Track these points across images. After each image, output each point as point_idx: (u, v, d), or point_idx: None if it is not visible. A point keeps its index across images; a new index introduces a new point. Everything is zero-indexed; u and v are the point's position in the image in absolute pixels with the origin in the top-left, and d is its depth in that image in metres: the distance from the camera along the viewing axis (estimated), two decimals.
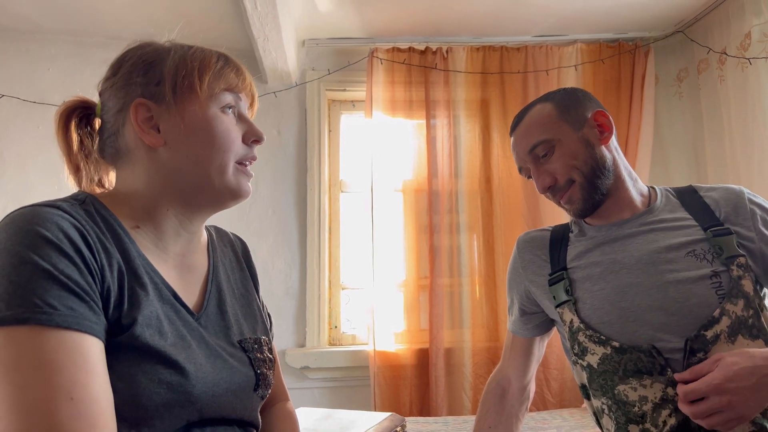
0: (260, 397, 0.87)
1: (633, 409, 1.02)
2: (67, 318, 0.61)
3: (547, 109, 1.18)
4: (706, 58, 2.52)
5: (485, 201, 2.61)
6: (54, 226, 0.64)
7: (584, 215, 1.16)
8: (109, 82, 0.83)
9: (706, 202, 1.13)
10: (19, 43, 2.50)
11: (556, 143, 1.14)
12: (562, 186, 1.14)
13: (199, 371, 0.73)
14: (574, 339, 1.12)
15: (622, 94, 2.61)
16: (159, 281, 0.77)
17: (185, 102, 0.79)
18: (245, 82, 0.87)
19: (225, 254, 0.98)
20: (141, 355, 0.67)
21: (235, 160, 0.83)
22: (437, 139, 2.57)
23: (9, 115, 2.44)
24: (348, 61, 2.63)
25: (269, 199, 2.58)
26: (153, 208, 0.80)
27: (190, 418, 0.73)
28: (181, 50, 0.82)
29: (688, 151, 2.69)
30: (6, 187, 2.40)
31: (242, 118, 0.86)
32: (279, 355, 2.41)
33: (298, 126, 2.65)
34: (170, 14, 2.32)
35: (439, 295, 2.44)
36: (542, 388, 2.38)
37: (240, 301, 0.94)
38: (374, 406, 2.35)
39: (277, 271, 2.54)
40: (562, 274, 1.17)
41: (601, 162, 1.13)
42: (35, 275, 0.61)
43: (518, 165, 1.23)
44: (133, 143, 0.80)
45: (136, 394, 0.66)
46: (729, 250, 1.04)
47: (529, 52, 2.62)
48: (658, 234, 1.10)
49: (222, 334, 0.84)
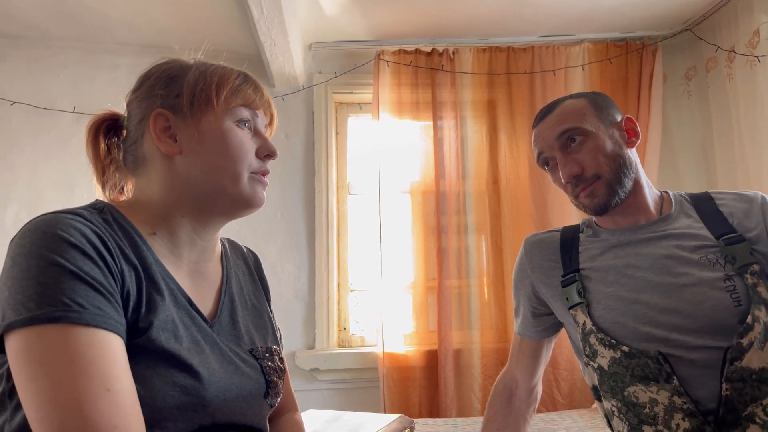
0: (270, 405, 0.88)
1: (644, 411, 1.02)
2: (95, 317, 0.63)
3: (582, 102, 1.19)
4: (715, 56, 2.50)
5: (493, 202, 2.61)
6: (76, 231, 0.67)
7: (601, 212, 1.16)
8: (134, 94, 0.87)
9: (720, 210, 1.13)
10: (29, 50, 2.53)
11: (589, 134, 1.14)
12: (588, 178, 1.14)
13: (212, 376, 0.75)
14: (585, 341, 1.13)
15: (629, 93, 2.60)
16: (175, 287, 0.79)
17: (201, 113, 0.82)
18: (263, 99, 0.89)
19: (238, 266, 1.00)
20: (156, 358, 0.69)
21: (250, 171, 0.85)
22: (444, 141, 2.57)
23: (20, 122, 2.47)
24: (354, 63, 2.64)
25: (277, 202, 2.60)
26: (168, 216, 0.83)
27: (203, 422, 0.74)
28: (203, 66, 0.86)
29: (696, 150, 2.68)
30: (18, 192, 2.43)
31: (258, 134, 0.88)
32: (288, 357, 2.43)
33: (306, 129, 2.66)
34: (177, 20, 2.34)
35: (448, 297, 2.44)
36: (552, 389, 2.38)
37: (252, 312, 0.96)
38: (384, 408, 2.35)
39: (286, 273, 2.55)
40: (574, 276, 1.17)
41: (627, 162, 1.15)
42: (63, 276, 0.63)
43: (539, 151, 1.22)
44: (151, 152, 0.83)
45: (151, 396, 0.67)
46: (742, 259, 1.04)
47: (535, 52, 2.61)
48: (672, 240, 1.11)
49: (234, 343, 0.86)
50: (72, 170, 2.40)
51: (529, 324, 1.30)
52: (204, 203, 0.83)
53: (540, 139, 1.21)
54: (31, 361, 0.60)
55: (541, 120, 1.22)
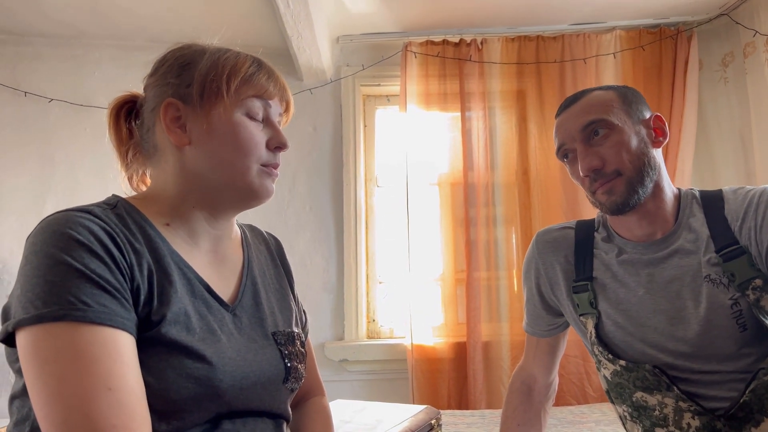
0: (290, 389, 0.88)
1: (654, 413, 1.04)
2: (100, 314, 0.64)
3: (610, 95, 1.11)
4: (753, 41, 2.42)
5: (523, 193, 2.58)
6: (85, 229, 0.68)
7: (618, 212, 1.08)
8: (149, 80, 0.87)
9: (725, 215, 1.06)
10: (65, 49, 2.60)
11: (614, 128, 1.07)
12: (608, 174, 1.06)
13: (227, 365, 0.75)
14: (591, 349, 1.15)
15: (663, 81, 2.53)
16: (192, 276, 0.79)
17: (211, 104, 0.81)
18: (277, 87, 0.87)
19: (259, 251, 1.00)
20: (169, 350, 0.70)
21: (259, 164, 0.84)
22: (472, 132, 2.55)
23: (58, 119, 2.55)
24: (382, 55, 2.64)
25: (306, 196, 2.62)
26: (181, 207, 0.83)
27: (220, 410, 0.75)
28: (216, 54, 0.84)
29: (734, 138, 2.59)
30: (57, 187, 2.51)
31: (269, 124, 0.87)
32: (317, 349, 2.46)
33: (334, 122, 2.67)
34: (208, 17, 2.38)
35: (477, 289, 2.43)
36: (583, 382, 2.35)
37: (275, 294, 0.96)
38: (412, 399, 2.36)
39: (314, 266, 2.58)
40: (587, 284, 1.14)
41: (651, 162, 1.07)
42: (69, 275, 0.64)
43: (560, 143, 1.14)
44: (162, 142, 0.83)
45: (166, 389, 0.69)
46: (741, 275, 1.00)
47: (565, 40, 2.57)
48: (683, 259, 1.06)
49: (257, 325, 0.86)
50: (107, 165, 2.45)
51: (542, 322, 1.28)
52: (213, 195, 0.83)
53: (562, 129, 1.13)
54: (37, 358, 0.62)
55: (564, 109, 1.14)
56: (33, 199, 2.49)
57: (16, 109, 2.53)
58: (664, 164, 1.14)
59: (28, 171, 2.51)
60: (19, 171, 2.51)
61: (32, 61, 2.58)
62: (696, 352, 1.01)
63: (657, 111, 2.49)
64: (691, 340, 1.01)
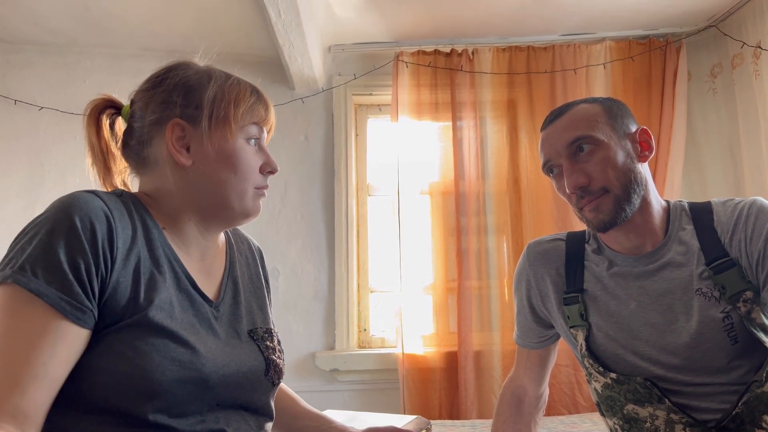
0: (271, 382, 0.91)
1: (645, 425, 1.03)
2: (45, 289, 0.68)
3: (595, 108, 1.09)
4: (741, 53, 2.45)
5: (514, 202, 2.58)
6: (86, 216, 0.73)
7: (604, 229, 1.07)
8: (146, 93, 0.89)
9: (714, 227, 1.06)
10: (56, 57, 2.59)
11: (600, 144, 1.05)
12: (594, 191, 1.05)
13: (209, 353, 0.80)
14: (582, 362, 1.15)
15: (653, 91, 2.55)
16: (180, 270, 0.84)
17: (218, 130, 0.86)
18: (269, 116, 0.94)
19: (241, 252, 1.05)
20: (155, 333, 0.74)
21: (254, 187, 0.90)
22: (464, 141, 2.56)
23: (48, 127, 2.54)
24: (373, 65, 2.65)
25: (297, 204, 2.61)
26: (176, 217, 0.88)
27: (209, 402, 0.78)
28: (221, 80, 0.90)
29: (723, 149, 2.61)
30: (47, 195, 2.49)
31: (262, 149, 0.93)
32: (308, 358, 2.46)
33: (325, 131, 2.68)
34: (199, 25, 2.38)
35: (468, 298, 2.43)
36: (574, 392, 2.35)
37: (254, 294, 1.01)
38: (403, 409, 2.35)
39: (306, 274, 2.57)
40: (578, 296, 1.14)
41: (637, 178, 1.06)
42: (43, 249, 0.70)
43: (545, 159, 1.12)
44: (162, 157, 0.87)
45: (150, 369, 0.72)
46: (732, 287, 1.00)
47: (556, 51, 2.59)
48: (674, 271, 1.06)
49: (236, 322, 0.91)
50: None
51: (533, 334, 1.27)
52: (208, 212, 0.89)
53: (547, 145, 1.11)
54: None
55: (550, 123, 1.12)
56: (22, 208, 2.47)
57: (6, 117, 2.51)
58: (652, 176, 1.14)
59: (18, 179, 2.50)
60: (9, 179, 2.49)
61: (22, 69, 2.57)
62: (687, 364, 1.01)
63: (646, 121, 2.54)
64: (682, 353, 1.02)
